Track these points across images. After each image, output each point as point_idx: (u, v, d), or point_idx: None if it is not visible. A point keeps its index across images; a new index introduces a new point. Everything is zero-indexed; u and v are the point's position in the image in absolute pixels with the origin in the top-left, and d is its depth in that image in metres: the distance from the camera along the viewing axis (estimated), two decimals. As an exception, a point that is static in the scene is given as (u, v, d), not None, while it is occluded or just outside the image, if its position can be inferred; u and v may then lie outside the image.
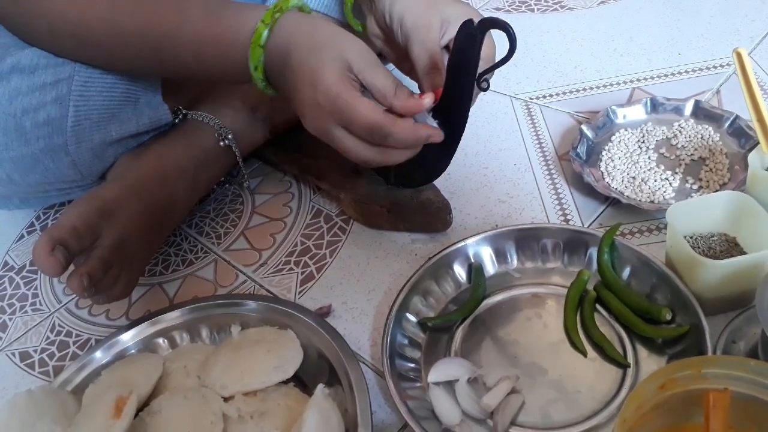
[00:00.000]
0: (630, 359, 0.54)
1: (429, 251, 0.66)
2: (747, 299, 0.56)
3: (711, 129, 0.74)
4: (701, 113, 0.76)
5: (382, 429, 0.54)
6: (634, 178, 0.70)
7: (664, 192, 0.68)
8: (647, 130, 0.76)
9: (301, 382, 0.56)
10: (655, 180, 0.69)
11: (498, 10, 1.06)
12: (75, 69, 0.62)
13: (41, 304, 0.73)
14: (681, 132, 0.74)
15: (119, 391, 0.50)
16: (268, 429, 0.50)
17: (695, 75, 0.84)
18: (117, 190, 0.62)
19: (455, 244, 0.63)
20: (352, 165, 0.69)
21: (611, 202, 0.69)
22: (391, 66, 0.69)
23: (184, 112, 0.72)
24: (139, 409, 0.52)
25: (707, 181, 0.68)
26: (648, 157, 0.72)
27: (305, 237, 0.73)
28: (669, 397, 0.39)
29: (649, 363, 0.54)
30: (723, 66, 0.85)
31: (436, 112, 0.57)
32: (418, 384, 0.56)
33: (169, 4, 0.59)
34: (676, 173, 0.70)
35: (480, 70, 0.56)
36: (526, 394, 0.54)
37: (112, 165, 0.68)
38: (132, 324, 0.61)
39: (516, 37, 0.52)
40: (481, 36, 0.54)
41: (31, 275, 0.76)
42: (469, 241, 0.63)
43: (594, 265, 0.61)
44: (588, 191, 0.70)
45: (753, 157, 0.60)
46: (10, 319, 0.71)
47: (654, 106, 0.78)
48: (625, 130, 0.76)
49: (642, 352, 0.55)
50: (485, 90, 0.57)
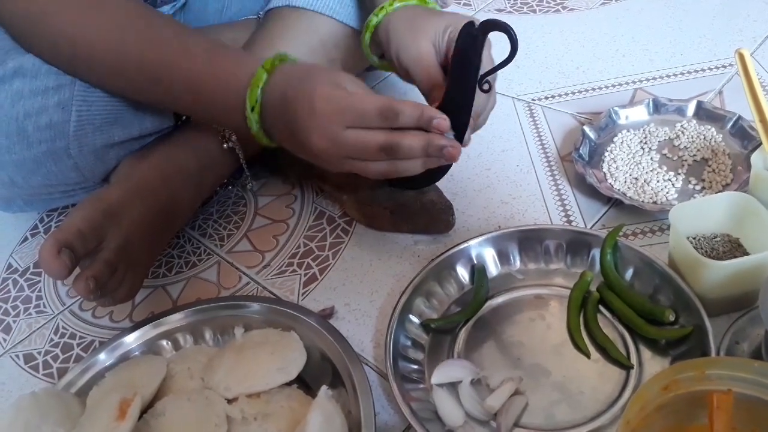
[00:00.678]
0: (633, 360, 0.54)
1: (432, 253, 0.66)
2: (750, 300, 0.56)
3: (713, 130, 0.74)
4: (704, 114, 0.76)
5: (385, 430, 0.54)
6: (636, 179, 0.70)
7: (666, 193, 0.68)
8: (650, 130, 0.76)
9: (305, 384, 0.56)
10: (658, 181, 0.69)
11: (500, 11, 1.06)
12: None
13: (45, 306, 0.73)
14: (683, 133, 0.74)
15: (123, 393, 0.50)
16: (271, 431, 0.50)
17: (698, 76, 0.84)
18: (121, 192, 0.62)
19: (458, 245, 0.63)
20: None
21: (614, 203, 0.69)
22: None
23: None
24: (143, 411, 0.52)
25: (710, 182, 0.68)
26: (650, 158, 0.72)
27: (308, 239, 0.73)
28: (672, 399, 0.39)
29: (653, 364, 0.54)
30: (725, 66, 0.85)
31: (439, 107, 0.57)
32: (421, 386, 0.56)
33: (173, 38, 0.60)
34: (678, 174, 0.70)
35: (482, 72, 0.56)
36: (529, 395, 0.54)
37: (115, 167, 0.68)
38: (136, 326, 0.62)
39: (517, 39, 0.52)
40: (483, 37, 0.54)
41: (35, 278, 0.77)
42: (472, 243, 0.63)
43: (597, 267, 0.61)
44: (590, 192, 0.70)
45: (756, 158, 0.60)
46: (14, 322, 0.72)
47: (656, 106, 0.77)
48: (628, 131, 0.76)
49: (645, 353, 0.55)
50: (486, 92, 0.57)
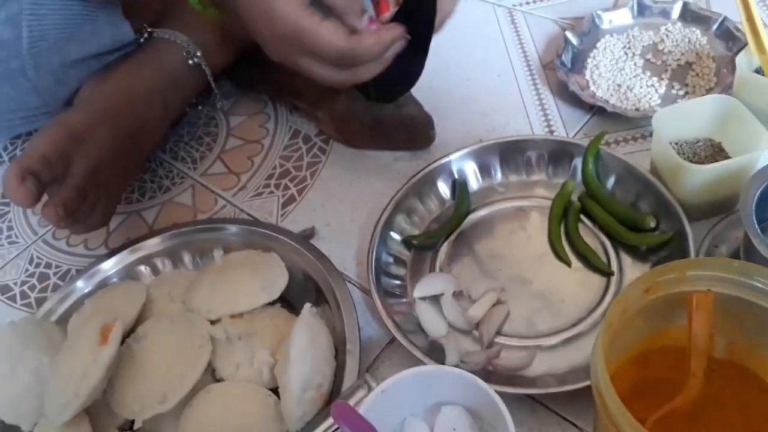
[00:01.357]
0: (614, 267, 0.55)
1: (412, 169, 0.65)
2: (731, 204, 0.56)
3: (698, 32, 0.71)
4: (689, 15, 0.73)
5: (369, 344, 0.54)
6: (619, 85, 0.68)
7: (649, 99, 0.66)
8: (633, 35, 0.73)
9: (288, 303, 0.55)
10: (641, 87, 0.68)
11: None
12: None
13: (17, 237, 0.71)
14: (668, 36, 0.72)
15: (104, 319, 0.50)
16: (257, 348, 0.50)
17: (684, -25, 0.81)
18: (85, 115, 0.59)
19: (438, 160, 0.62)
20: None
21: (596, 111, 0.67)
22: None
23: (149, 30, 0.68)
24: (125, 336, 0.51)
25: (693, 87, 0.67)
26: (634, 64, 0.70)
27: (284, 159, 0.71)
28: (653, 301, 0.40)
29: (633, 271, 0.55)
30: (712, -35, 0.81)
31: (399, 11, 0.53)
32: (404, 300, 0.56)
33: None
34: (662, 79, 0.68)
35: None
36: (511, 305, 0.54)
37: (77, 90, 0.65)
38: (112, 252, 0.60)
39: None
40: None
41: (4, 208, 0.74)
42: (453, 157, 0.62)
43: (579, 176, 0.60)
44: (573, 101, 0.68)
45: (741, 59, 0.58)
46: (-14, 254, 0.70)
47: (641, 9, 0.75)
48: (611, 35, 0.73)
49: (626, 260, 0.55)
50: None
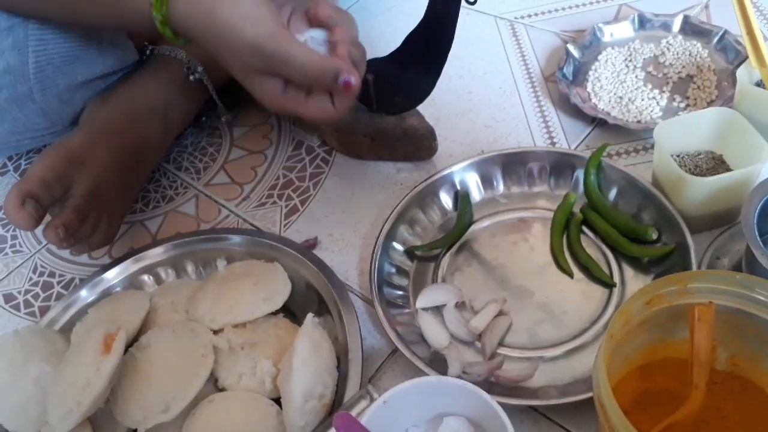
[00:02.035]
0: (616, 279, 0.55)
1: (414, 180, 0.65)
2: (732, 216, 0.56)
3: (699, 45, 0.72)
4: (690, 29, 0.74)
5: (372, 355, 0.54)
6: (621, 97, 0.69)
7: (651, 111, 0.67)
8: (634, 48, 0.74)
9: (291, 313, 0.56)
10: (643, 99, 0.68)
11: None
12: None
13: (21, 245, 0.71)
14: (669, 49, 0.73)
15: (107, 328, 0.50)
16: (259, 359, 0.50)
17: (684, -11, 0.81)
18: (85, 136, 0.60)
19: (441, 171, 0.62)
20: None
21: (598, 123, 0.68)
22: None
23: (150, 48, 0.69)
24: (128, 345, 0.51)
25: (695, 99, 0.67)
26: (635, 76, 0.71)
27: (287, 169, 0.72)
28: (655, 313, 0.40)
29: (635, 282, 0.55)
30: (713, -21, 0.82)
31: (418, 30, 0.54)
32: (406, 310, 0.56)
33: None
34: (663, 92, 0.69)
35: None
36: (513, 316, 0.54)
37: (83, 110, 0.65)
38: (116, 262, 0.61)
39: None
40: None
41: (8, 217, 0.74)
42: (455, 168, 0.62)
43: (580, 188, 0.60)
44: (575, 113, 0.69)
45: (741, 72, 0.59)
46: (-10, 262, 0.70)
47: (642, 22, 0.75)
48: (612, 48, 0.74)
49: (628, 271, 0.55)
50: (473, 3, 0.54)
